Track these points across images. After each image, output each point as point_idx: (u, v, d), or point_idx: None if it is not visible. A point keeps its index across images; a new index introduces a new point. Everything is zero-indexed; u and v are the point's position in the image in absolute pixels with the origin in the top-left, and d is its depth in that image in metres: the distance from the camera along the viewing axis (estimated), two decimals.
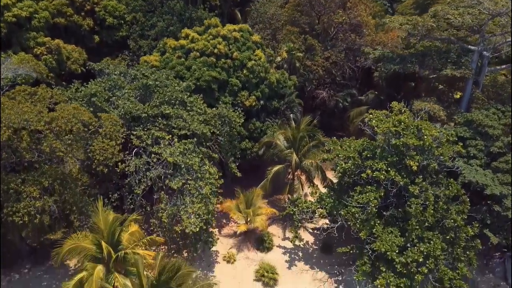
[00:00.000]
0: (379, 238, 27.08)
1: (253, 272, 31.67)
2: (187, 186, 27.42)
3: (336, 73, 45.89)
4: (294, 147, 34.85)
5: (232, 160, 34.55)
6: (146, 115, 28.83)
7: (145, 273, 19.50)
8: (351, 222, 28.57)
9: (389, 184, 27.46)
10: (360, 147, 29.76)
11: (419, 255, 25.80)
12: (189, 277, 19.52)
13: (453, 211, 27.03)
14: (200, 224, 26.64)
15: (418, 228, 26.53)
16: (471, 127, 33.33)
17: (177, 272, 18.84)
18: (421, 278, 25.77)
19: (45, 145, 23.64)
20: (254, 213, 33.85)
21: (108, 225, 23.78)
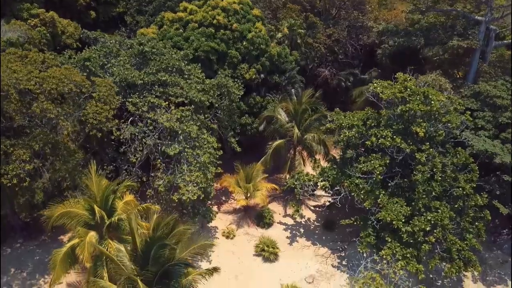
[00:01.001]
0: (384, 208, 26.02)
1: (253, 247, 30.65)
2: (184, 154, 26.36)
3: (338, 51, 44.85)
4: (296, 121, 33.77)
5: (231, 134, 33.51)
6: (142, 82, 27.77)
7: (139, 232, 18.46)
8: (354, 193, 27.49)
9: (395, 151, 26.36)
10: (364, 116, 28.67)
11: (426, 224, 24.72)
12: (186, 235, 18.48)
13: (461, 180, 25.93)
14: (198, 193, 25.58)
15: (425, 197, 25.46)
16: (479, 99, 32.30)
17: (172, 229, 17.80)
18: (428, 247, 24.69)
19: (35, 105, 22.62)
20: (254, 188, 32.80)
21: (102, 190, 22.74)
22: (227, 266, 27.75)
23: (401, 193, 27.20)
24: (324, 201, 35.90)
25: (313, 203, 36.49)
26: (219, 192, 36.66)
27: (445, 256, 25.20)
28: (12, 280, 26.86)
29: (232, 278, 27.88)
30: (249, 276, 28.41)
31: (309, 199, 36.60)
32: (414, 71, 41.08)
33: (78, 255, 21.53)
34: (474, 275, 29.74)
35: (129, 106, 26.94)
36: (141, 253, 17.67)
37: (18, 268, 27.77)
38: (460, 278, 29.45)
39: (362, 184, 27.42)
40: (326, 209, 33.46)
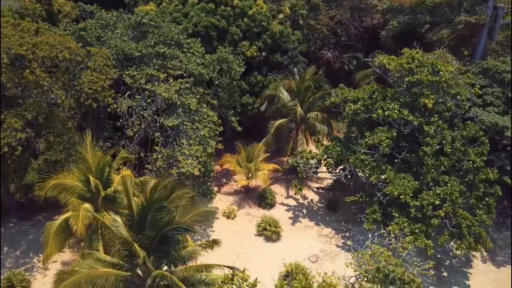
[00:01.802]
0: (391, 183, 25.06)
1: (254, 226, 29.69)
2: (183, 128, 25.41)
3: (341, 33, 43.86)
4: (299, 99, 32.79)
5: (232, 113, 32.59)
6: (140, 55, 26.80)
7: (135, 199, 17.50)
8: (360, 169, 26.54)
9: (402, 124, 25.38)
10: (370, 90, 27.68)
11: (435, 198, 23.76)
12: (184, 200, 17.49)
13: (471, 153, 24.95)
14: (198, 166, 24.62)
15: (434, 171, 24.49)
16: (487, 75, 31.30)
17: (171, 193, 16.82)
18: (437, 222, 23.71)
19: (28, 71, 21.65)
20: (256, 168, 31.83)
21: (97, 160, 21.78)
22: (228, 246, 26.76)
23: (408, 169, 26.21)
24: (327, 183, 35.06)
25: (316, 184, 35.56)
26: (220, 174, 35.74)
27: (455, 231, 24.21)
28: (5, 258, 25.92)
29: (233, 257, 26.90)
30: (251, 255, 27.45)
31: (312, 181, 35.69)
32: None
33: (72, 226, 20.59)
34: (483, 255, 28.82)
35: (126, 78, 25.97)
36: (137, 219, 16.68)
37: (11, 247, 26.83)
38: (469, 258, 28.51)
39: (367, 160, 26.46)
40: (330, 188, 32.45)
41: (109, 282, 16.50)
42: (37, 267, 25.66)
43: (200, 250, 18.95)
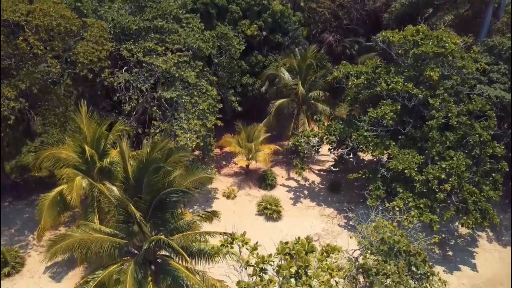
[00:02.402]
0: (395, 158, 24.41)
1: (255, 206, 29.04)
2: (182, 101, 24.74)
3: (343, 16, 43.14)
4: (300, 77, 32.09)
5: (232, 93, 31.92)
6: (137, 28, 26.08)
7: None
8: (363, 145, 25.88)
9: (406, 98, 24.72)
10: (374, 64, 26.99)
11: (441, 172, 23.09)
12: (182, 163, 16.85)
13: (477, 127, 24.27)
14: (197, 140, 23.95)
15: (439, 145, 23.83)
16: (493, 53, 30.59)
17: (168, 156, 16.14)
18: (443, 196, 23.05)
19: (21, 39, 20.98)
20: (256, 148, 31.16)
21: (93, 130, 21.14)
22: (228, 225, 25.78)
23: (413, 145, 25.55)
24: (328, 166, 34.44)
25: (318, 167, 34.94)
26: (219, 157, 35.11)
27: (461, 207, 23.54)
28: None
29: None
30: (251, 234, 26.65)
31: (313, 163, 35.06)
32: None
33: (66, 196, 19.96)
34: (489, 235, 28.19)
35: (123, 52, 25.28)
36: (133, 182, 16.00)
37: (6, 225, 26.19)
38: (475, 238, 27.87)
39: (370, 137, 25.83)
40: (332, 166, 31.76)
41: (104, 248, 15.89)
42: (32, 244, 25.03)
43: (199, 220, 18.36)
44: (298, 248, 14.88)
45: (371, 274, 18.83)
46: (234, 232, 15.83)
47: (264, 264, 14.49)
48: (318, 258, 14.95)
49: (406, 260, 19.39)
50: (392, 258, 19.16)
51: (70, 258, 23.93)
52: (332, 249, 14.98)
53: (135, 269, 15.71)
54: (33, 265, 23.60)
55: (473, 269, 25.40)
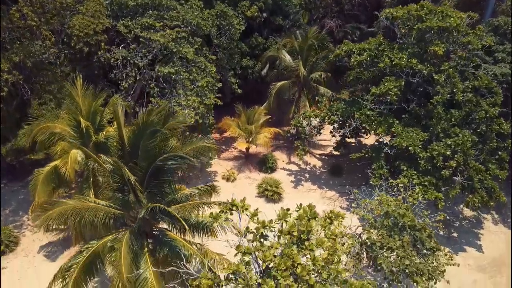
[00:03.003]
0: (399, 136, 23.81)
1: (255, 188, 28.46)
2: (180, 78, 24.14)
3: (344, 1, 42.49)
4: (302, 57, 31.46)
5: (231, 74, 31.31)
6: (134, 4, 25.46)
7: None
8: (366, 123, 25.29)
9: (410, 74, 24.10)
10: (377, 42, 26.36)
11: (446, 149, 22.47)
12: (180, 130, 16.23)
13: (483, 104, 23.65)
14: (195, 117, 23.36)
15: (444, 122, 23.23)
16: (498, 33, 29.96)
17: (165, 122, 15.51)
18: (448, 173, 22.43)
19: (14, 9, 20.38)
20: (256, 130, 30.57)
21: (88, 103, 20.51)
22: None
23: (417, 123, 24.93)
24: (330, 150, 33.89)
25: (319, 151, 34.34)
26: (219, 142, 34.51)
27: (467, 184, 22.92)
28: None
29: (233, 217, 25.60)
30: None
31: (314, 148, 34.47)
32: None
33: (60, 169, 19.35)
34: (494, 217, 27.60)
35: (120, 28, 24.66)
36: (129, 149, 15.42)
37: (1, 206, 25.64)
38: (480, 220, 27.27)
39: (373, 116, 25.24)
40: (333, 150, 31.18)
41: (99, 217, 15.30)
42: (27, 225, 24.47)
43: (197, 194, 17.82)
44: (300, 213, 14.32)
45: (375, 249, 18.24)
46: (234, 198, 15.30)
47: (265, 230, 13.94)
48: (321, 224, 14.36)
49: (411, 235, 18.81)
50: (396, 233, 18.59)
51: (65, 238, 23.54)
52: (336, 216, 14.38)
53: (131, 238, 15.12)
54: (28, 244, 23.04)
55: (478, 250, 24.81)
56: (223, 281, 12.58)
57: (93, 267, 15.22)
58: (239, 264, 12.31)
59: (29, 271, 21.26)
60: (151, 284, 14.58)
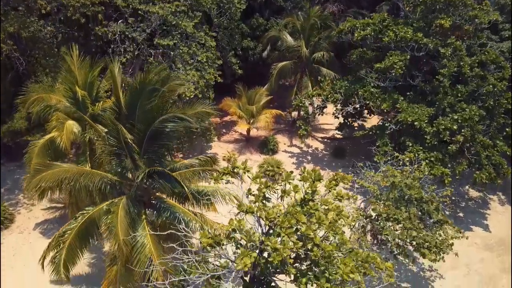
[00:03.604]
0: (404, 111, 23.21)
1: (256, 168, 27.80)
2: (179, 52, 23.53)
3: None
4: (304, 37, 30.81)
5: (232, 54, 30.69)
6: None
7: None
8: (370, 100, 24.68)
9: (416, 48, 23.48)
10: (381, 17, 25.74)
11: (453, 124, 21.88)
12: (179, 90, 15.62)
13: (490, 78, 23.04)
14: (195, 92, 22.74)
15: (451, 96, 22.63)
16: (504, 12, 29.40)
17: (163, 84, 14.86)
18: (455, 148, 21.83)
19: None
20: (257, 110, 29.96)
21: (84, 73, 19.87)
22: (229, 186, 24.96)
23: (422, 100, 24.33)
24: (332, 134, 33.34)
25: (321, 135, 33.73)
26: (219, 126, 33.90)
27: (474, 160, 22.32)
28: None
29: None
30: None
31: (316, 131, 33.88)
32: None
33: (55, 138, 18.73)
34: (501, 198, 27.01)
35: (118, 1, 24.01)
36: (126, 112, 14.76)
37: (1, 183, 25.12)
38: (486, 201, 26.69)
39: (378, 93, 24.65)
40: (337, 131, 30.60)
41: (94, 182, 14.71)
42: (22, 203, 23.89)
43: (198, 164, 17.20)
44: (304, 175, 13.75)
45: (381, 220, 17.64)
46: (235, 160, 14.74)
47: (268, 190, 13.36)
48: (326, 185, 13.78)
49: (418, 208, 18.22)
50: (403, 205, 18.00)
51: (62, 215, 22.99)
52: (342, 178, 13.78)
53: (127, 203, 14.52)
54: (23, 222, 22.45)
55: (485, 229, 24.23)
56: (225, 239, 12.00)
57: (88, 234, 14.64)
58: (241, 220, 11.71)
59: (24, 247, 20.67)
60: (149, 250, 14.00)
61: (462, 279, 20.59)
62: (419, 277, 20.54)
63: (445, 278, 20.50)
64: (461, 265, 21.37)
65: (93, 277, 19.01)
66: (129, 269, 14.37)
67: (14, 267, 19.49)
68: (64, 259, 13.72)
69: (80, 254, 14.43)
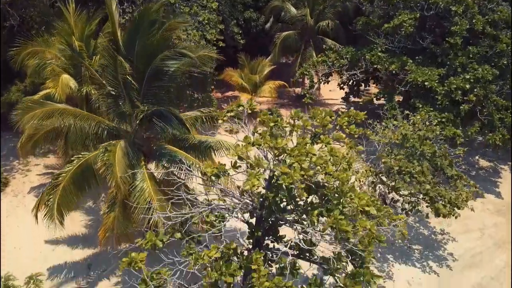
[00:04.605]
0: (413, 72, 22.36)
1: None
2: (179, 11, 22.66)
3: None
4: (309, 6, 29.94)
5: (234, 23, 29.82)
6: None
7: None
8: (377, 64, 23.84)
9: (426, 8, 22.62)
10: None
11: (465, 83, 21.03)
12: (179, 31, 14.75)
13: (504, 38, 22.17)
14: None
15: (462, 56, 21.77)
16: None
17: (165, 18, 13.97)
18: (467, 108, 20.98)
19: None
20: (261, 80, 29.10)
21: (81, 25, 19.03)
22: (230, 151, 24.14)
23: (431, 63, 23.46)
24: (337, 108, 32.47)
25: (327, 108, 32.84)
26: (221, 100, 33.04)
27: (486, 122, 21.46)
28: None
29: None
30: None
31: (321, 106, 33.01)
32: None
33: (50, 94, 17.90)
34: None
35: None
36: (124, 51, 13.85)
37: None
38: (497, 170, 25.84)
39: (385, 57, 23.83)
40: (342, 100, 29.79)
41: (90, 125, 13.89)
42: (17, 169, 23.05)
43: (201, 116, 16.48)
44: (314, 110, 12.92)
45: (392, 173, 16.79)
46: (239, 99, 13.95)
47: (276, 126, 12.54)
48: (338, 122, 12.92)
49: (431, 163, 17.37)
50: (416, 158, 17.14)
51: None
52: (355, 114, 12.94)
53: (126, 146, 13.69)
54: (18, 186, 21.62)
55: (497, 196, 23.40)
56: (231, 168, 11.20)
57: (84, 180, 13.77)
58: (247, 145, 10.90)
59: (18, 209, 19.82)
60: (148, 194, 13.16)
61: (475, 241, 19.75)
62: (430, 239, 19.70)
63: (457, 241, 19.65)
64: (474, 229, 20.56)
65: (90, 237, 18.17)
66: (127, 216, 13.57)
67: (8, 228, 18.65)
68: (58, 202, 12.87)
69: (75, 200, 13.58)
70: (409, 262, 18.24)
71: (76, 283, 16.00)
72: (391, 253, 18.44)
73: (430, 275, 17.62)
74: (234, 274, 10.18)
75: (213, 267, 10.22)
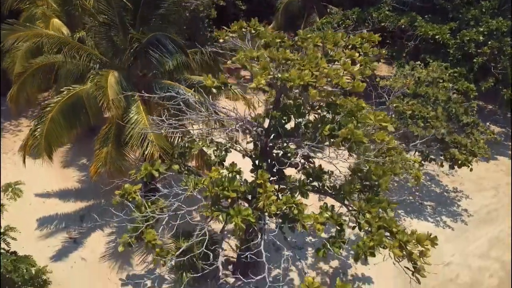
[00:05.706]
0: (424, 27, 21.33)
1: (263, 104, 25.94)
2: None
3: None
4: None
5: None
6: None
7: None
8: (385, 22, 22.79)
9: None
10: None
11: (478, 35, 19.99)
12: None
13: None
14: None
15: (475, 9, 20.75)
16: None
17: None
18: (481, 61, 19.93)
19: None
20: None
21: None
22: None
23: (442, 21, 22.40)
24: None
25: None
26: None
27: (500, 77, 20.40)
28: None
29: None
30: None
31: None
32: None
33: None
34: None
35: None
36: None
37: None
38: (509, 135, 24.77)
39: (393, 16, 22.79)
40: None
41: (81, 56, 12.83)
42: (8, 129, 22.02)
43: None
44: (327, 33, 11.92)
45: (404, 118, 15.78)
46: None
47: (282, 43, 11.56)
48: (350, 41, 11.83)
49: (446, 109, 16.36)
50: (429, 104, 16.12)
51: None
52: (369, 36, 11.92)
53: (119, 76, 12.64)
54: (8, 144, 20.58)
55: (510, 158, 22.38)
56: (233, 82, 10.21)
57: (74, 114, 12.77)
58: (251, 50, 9.91)
59: (7, 166, 18.79)
60: (143, 125, 12.13)
61: (490, 199, 18.74)
62: (442, 197, 18.69)
63: (471, 198, 18.63)
64: (488, 188, 19.55)
65: (83, 191, 17.17)
66: (120, 150, 12.56)
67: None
68: (46, 133, 11.83)
69: (65, 134, 12.56)
70: (421, 217, 17.24)
71: (67, 233, 14.98)
72: (401, 208, 17.43)
73: (444, 229, 16.61)
74: (237, 189, 9.17)
75: (214, 183, 9.20)
